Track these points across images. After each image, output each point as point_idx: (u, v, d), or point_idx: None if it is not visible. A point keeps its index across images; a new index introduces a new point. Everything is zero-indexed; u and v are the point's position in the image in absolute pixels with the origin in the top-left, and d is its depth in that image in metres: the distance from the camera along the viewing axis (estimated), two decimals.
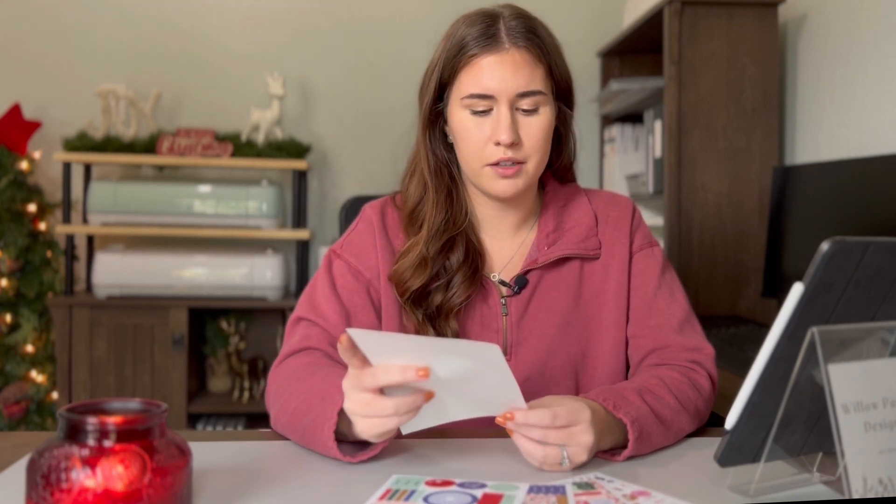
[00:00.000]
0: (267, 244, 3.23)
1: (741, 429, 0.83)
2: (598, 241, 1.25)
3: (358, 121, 3.33)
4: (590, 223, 1.26)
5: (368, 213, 1.28)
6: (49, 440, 0.74)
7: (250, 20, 3.29)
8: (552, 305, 1.22)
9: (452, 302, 1.19)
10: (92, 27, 3.22)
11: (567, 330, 1.22)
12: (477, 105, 1.15)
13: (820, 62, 2.43)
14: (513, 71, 1.14)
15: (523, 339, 1.21)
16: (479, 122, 1.16)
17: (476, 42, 1.15)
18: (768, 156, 2.46)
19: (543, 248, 1.23)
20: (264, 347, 3.26)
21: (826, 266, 0.77)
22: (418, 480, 0.90)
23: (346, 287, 1.22)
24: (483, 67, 1.15)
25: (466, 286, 1.19)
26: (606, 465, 0.98)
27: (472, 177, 1.21)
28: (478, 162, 1.17)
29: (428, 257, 1.19)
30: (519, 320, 1.22)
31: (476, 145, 1.16)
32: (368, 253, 1.24)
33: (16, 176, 2.93)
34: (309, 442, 1.01)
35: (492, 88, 1.14)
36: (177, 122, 3.24)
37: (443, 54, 1.19)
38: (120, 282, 2.92)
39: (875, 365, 0.81)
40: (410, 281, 1.19)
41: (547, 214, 1.26)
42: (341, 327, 1.19)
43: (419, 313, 1.18)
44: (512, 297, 1.22)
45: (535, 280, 1.23)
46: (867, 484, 0.77)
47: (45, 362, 2.98)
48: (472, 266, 1.21)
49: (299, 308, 1.23)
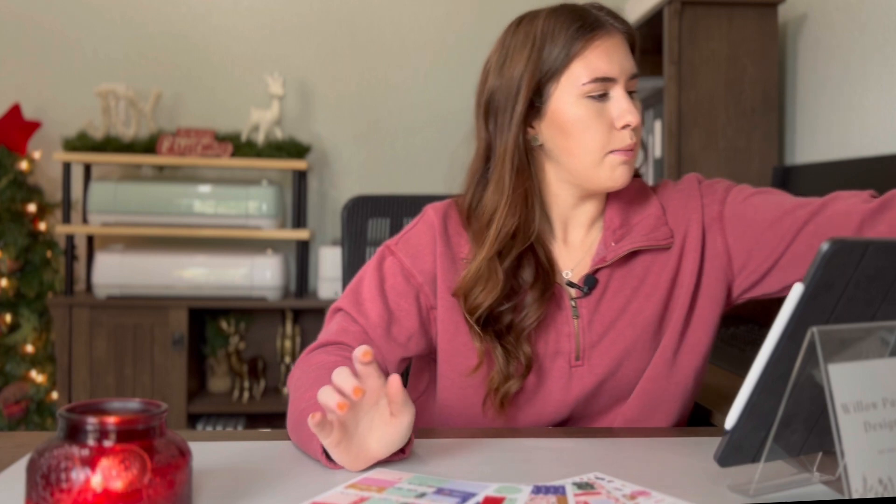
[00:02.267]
0: (267, 244, 3.23)
1: (741, 429, 0.83)
2: (668, 229, 1.19)
3: (358, 121, 3.33)
4: (657, 213, 1.21)
5: (430, 215, 1.22)
6: (49, 440, 0.74)
7: (250, 20, 3.29)
8: (625, 303, 1.18)
9: (524, 324, 1.14)
10: (92, 27, 3.22)
11: (640, 327, 1.18)
12: (597, 90, 1.12)
13: (820, 62, 2.43)
14: (625, 52, 1.14)
15: (596, 342, 1.17)
16: (600, 109, 1.13)
17: (586, 28, 1.12)
18: (768, 156, 2.46)
19: (611, 244, 1.18)
20: (264, 347, 3.26)
21: (826, 266, 0.77)
22: (423, 480, 0.90)
23: (394, 288, 1.18)
24: (602, 51, 1.12)
25: (538, 306, 1.14)
26: (606, 465, 0.98)
27: (587, 170, 1.15)
28: (601, 150, 1.13)
29: (498, 271, 1.13)
30: (590, 322, 1.17)
31: (600, 133, 1.12)
32: (425, 256, 1.19)
33: (16, 176, 2.94)
34: (304, 447, 1.01)
35: (612, 71, 1.12)
36: (177, 122, 3.24)
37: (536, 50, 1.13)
38: (120, 282, 2.92)
39: (875, 365, 0.81)
40: (480, 297, 1.13)
41: (612, 210, 1.21)
42: (380, 329, 1.16)
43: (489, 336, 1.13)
44: (582, 299, 1.18)
45: (604, 279, 1.18)
46: (867, 484, 0.77)
47: (45, 362, 2.98)
48: (544, 284, 1.15)
49: (344, 298, 1.19)
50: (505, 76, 1.16)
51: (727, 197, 1.21)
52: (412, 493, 0.86)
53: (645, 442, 1.09)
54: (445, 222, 1.21)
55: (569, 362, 1.17)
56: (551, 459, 1.00)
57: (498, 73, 1.17)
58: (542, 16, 1.15)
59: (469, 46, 3.25)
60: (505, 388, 1.13)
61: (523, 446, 1.06)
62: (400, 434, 0.93)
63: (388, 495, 0.85)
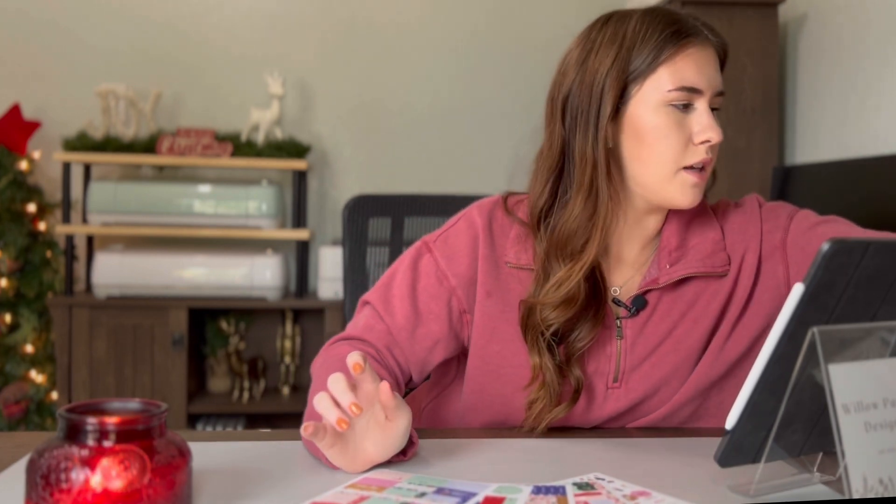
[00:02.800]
0: (267, 244, 3.23)
1: (741, 429, 0.83)
2: (726, 255, 1.13)
3: (358, 121, 3.33)
4: (716, 237, 1.14)
5: (473, 215, 1.16)
6: (49, 440, 0.74)
7: (250, 20, 3.29)
8: (671, 328, 1.12)
9: (576, 346, 1.09)
10: (92, 27, 3.22)
11: (683, 354, 1.12)
12: (680, 99, 1.06)
13: (820, 62, 2.43)
14: (715, 67, 1.09)
15: (636, 366, 1.12)
16: (680, 120, 1.06)
17: (680, 34, 1.07)
18: (768, 156, 2.46)
19: (665, 266, 1.12)
20: (264, 347, 3.26)
21: (826, 266, 0.77)
22: (423, 480, 0.90)
23: (426, 290, 1.14)
24: (692, 60, 1.06)
25: (591, 327, 1.09)
26: (606, 465, 0.98)
27: (657, 183, 1.08)
28: (674, 165, 1.07)
29: (579, 294, 1.07)
30: (633, 345, 1.12)
31: (676, 145, 1.06)
32: (462, 258, 1.14)
33: (16, 176, 2.94)
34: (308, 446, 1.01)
35: (700, 83, 1.06)
36: (177, 122, 3.24)
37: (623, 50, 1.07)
38: (120, 282, 2.92)
39: (875, 365, 0.81)
40: (555, 314, 1.07)
41: (670, 230, 1.14)
42: (405, 332, 1.12)
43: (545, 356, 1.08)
44: (628, 319, 1.12)
45: (654, 301, 1.12)
46: (867, 484, 0.77)
47: (45, 362, 2.98)
48: (598, 305, 1.10)
49: (374, 291, 1.16)
50: (588, 73, 1.09)
51: (790, 224, 1.15)
52: (412, 493, 0.86)
53: (645, 442, 1.09)
54: (491, 223, 1.15)
55: (606, 384, 1.13)
56: (551, 459, 1.00)
57: (579, 68, 1.10)
58: (636, 16, 1.10)
59: (469, 46, 3.25)
60: (553, 414, 1.09)
61: (523, 446, 1.06)
62: (396, 437, 0.92)
63: (389, 495, 0.85)
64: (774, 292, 1.13)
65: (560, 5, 3.29)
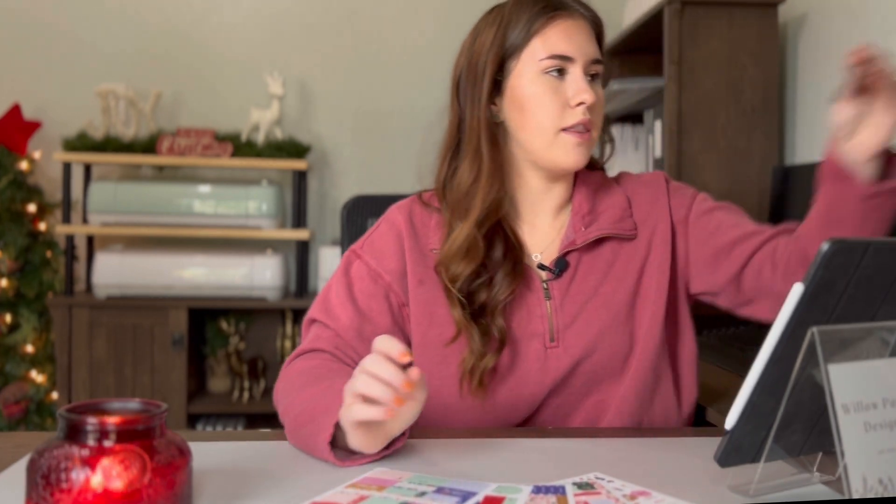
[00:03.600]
0: (267, 244, 3.23)
1: (741, 429, 0.83)
2: (633, 221, 1.24)
3: (358, 121, 3.33)
4: (623, 204, 1.25)
5: (394, 215, 1.25)
6: (49, 440, 0.74)
7: (250, 20, 3.29)
8: (595, 287, 1.21)
9: (497, 298, 1.17)
10: (92, 27, 3.22)
11: (613, 311, 1.20)
12: (553, 66, 1.16)
13: (820, 62, 2.43)
14: (587, 37, 1.18)
15: (569, 323, 1.19)
16: (555, 86, 1.16)
17: (549, 8, 1.17)
18: (768, 156, 2.46)
19: (580, 228, 1.22)
20: (264, 347, 3.26)
21: (826, 266, 0.77)
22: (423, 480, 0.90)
23: (363, 291, 1.20)
24: (561, 30, 1.17)
25: (510, 280, 1.18)
26: (606, 465, 0.98)
27: (542, 148, 1.18)
28: (553, 127, 1.16)
29: (478, 242, 1.17)
30: (562, 304, 1.20)
31: (553, 109, 1.16)
32: (390, 255, 1.21)
33: (16, 176, 2.94)
34: (308, 448, 1.01)
35: (570, 50, 1.16)
36: (177, 122, 3.24)
37: (502, 28, 1.19)
38: (120, 282, 2.92)
39: (875, 365, 0.81)
40: (461, 266, 1.16)
41: (580, 197, 1.25)
42: (352, 332, 1.17)
43: (466, 309, 1.16)
44: (553, 281, 1.21)
45: (574, 262, 1.22)
46: (867, 484, 0.77)
47: (45, 362, 2.98)
48: (513, 259, 1.19)
49: (314, 308, 1.22)
50: (474, 54, 1.22)
51: (693, 203, 1.26)
52: (412, 493, 0.86)
53: (645, 442, 1.09)
54: (411, 218, 1.24)
55: (544, 344, 1.19)
56: (551, 459, 1.00)
57: (468, 52, 1.23)
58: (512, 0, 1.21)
59: None
60: (482, 365, 1.15)
61: (523, 446, 1.06)
62: (413, 411, 0.96)
63: (389, 494, 0.85)
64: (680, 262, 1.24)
65: None
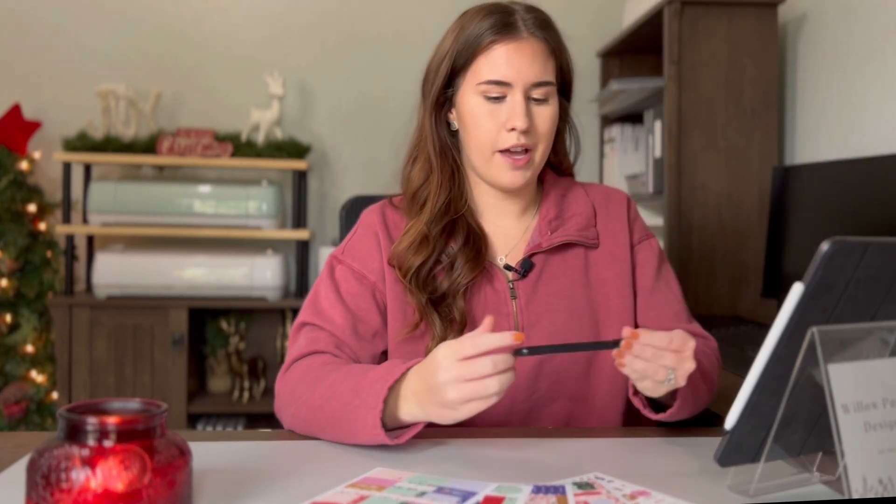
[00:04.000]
0: (267, 244, 3.23)
1: (741, 429, 0.83)
2: (596, 231, 1.27)
3: (358, 121, 3.33)
4: (589, 213, 1.28)
5: (368, 217, 1.29)
6: (49, 440, 0.74)
7: (250, 20, 3.29)
8: (560, 289, 1.24)
9: (458, 283, 1.20)
10: (92, 27, 3.22)
11: (578, 314, 1.23)
12: (492, 91, 1.18)
13: (820, 62, 2.43)
14: (530, 60, 1.17)
15: (535, 322, 1.22)
16: (492, 109, 1.18)
17: (494, 30, 1.18)
18: (768, 156, 2.46)
19: (546, 232, 1.25)
20: (264, 347, 3.26)
21: (826, 266, 0.77)
22: (423, 480, 0.90)
23: (350, 292, 1.22)
24: (501, 55, 1.17)
25: (470, 267, 1.20)
26: (606, 465, 0.98)
27: (480, 165, 1.22)
28: (489, 148, 1.19)
29: (429, 235, 1.20)
30: (528, 303, 1.22)
31: (489, 132, 1.18)
32: (371, 256, 1.24)
33: (16, 176, 2.94)
34: (346, 434, 1.02)
35: (509, 76, 1.17)
36: (177, 122, 3.24)
37: (456, 41, 1.21)
38: (120, 282, 2.92)
39: (875, 365, 0.81)
40: (412, 259, 1.19)
41: (548, 202, 1.28)
42: (347, 331, 1.19)
43: (423, 296, 1.19)
44: (519, 281, 1.23)
45: (540, 264, 1.24)
46: (867, 484, 0.77)
47: (45, 362, 2.98)
48: (475, 248, 1.22)
49: (303, 314, 1.23)
50: (433, 60, 1.25)
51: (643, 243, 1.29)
52: (412, 492, 0.86)
53: (645, 442, 1.09)
54: (385, 220, 1.27)
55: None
56: (551, 459, 1.00)
57: (432, 57, 1.26)
58: (473, 11, 1.23)
59: None
60: None
61: (523, 446, 1.06)
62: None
63: (389, 494, 0.85)
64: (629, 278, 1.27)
65: (560, 7, 3.29)
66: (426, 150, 1.26)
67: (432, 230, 1.21)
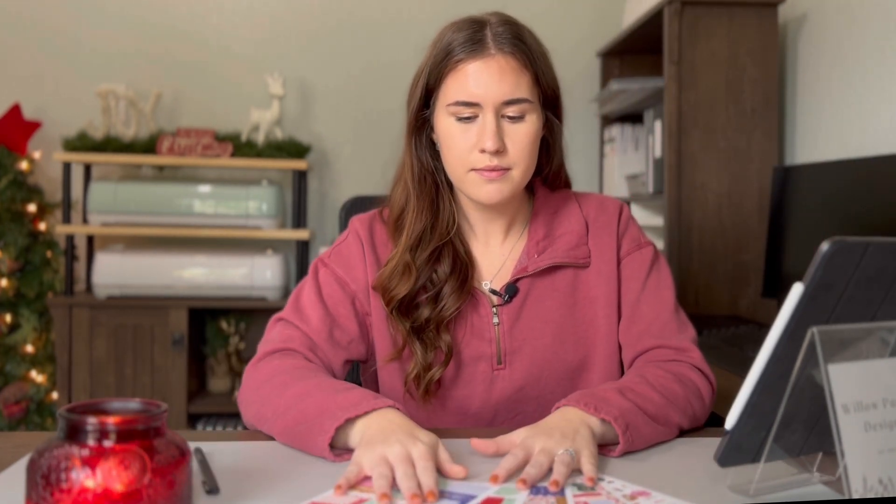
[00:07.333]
0: (267, 244, 3.23)
1: (741, 429, 0.83)
2: (587, 249, 1.23)
3: (358, 121, 3.33)
4: (580, 231, 1.24)
5: (356, 227, 1.27)
6: (49, 440, 0.74)
7: (250, 20, 3.29)
8: (545, 313, 1.21)
9: (443, 314, 1.18)
10: (92, 28, 3.22)
11: (562, 337, 1.21)
12: (462, 112, 1.14)
13: (820, 62, 2.43)
14: (499, 77, 1.13)
15: (517, 348, 1.20)
16: (464, 129, 1.15)
17: (462, 48, 1.14)
18: (768, 156, 2.46)
19: (533, 255, 1.22)
20: None
21: (826, 266, 0.77)
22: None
23: (331, 296, 1.22)
24: (469, 74, 1.14)
25: (456, 297, 1.18)
26: (607, 465, 0.98)
27: (458, 183, 1.20)
28: (462, 168, 1.16)
29: (412, 264, 1.18)
30: (511, 329, 1.20)
31: (461, 152, 1.15)
32: (356, 265, 1.23)
33: (16, 176, 2.94)
34: (300, 444, 1.02)
35: (477, 95, 1.13)
36: (177, 122, 3.24)
37: (429, 60, 1.18)
38: (120, 282, 2.92)
39: (875, 365, 0.81)
40: (396, 289, 1.18)
41: (537, 222, 1.25)
42: (323, 334, 1.18)
43: (406, 324, 1.18)
44: (503, 306, 1.21)
45: (525, 288, 1.21)
46: (867, 484, 0.77)
47: (45, 362, 2.98)
48: (461, 277, 1.20)
49: (284, 309, 1.23)
50: (413, 80, 1.22)
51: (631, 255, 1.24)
52: None
53: None
54: (371, 234, 1.25)
55: (491, 366, 1.21)
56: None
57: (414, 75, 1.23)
58: (448, 27, 1.19)
59: None
60: (428, 376, 1.17)
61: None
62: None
63: None
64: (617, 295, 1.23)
65: (560, 7, 3.29)
66: (406, 177, 1.23)
67: (417, 259, 1.19)
